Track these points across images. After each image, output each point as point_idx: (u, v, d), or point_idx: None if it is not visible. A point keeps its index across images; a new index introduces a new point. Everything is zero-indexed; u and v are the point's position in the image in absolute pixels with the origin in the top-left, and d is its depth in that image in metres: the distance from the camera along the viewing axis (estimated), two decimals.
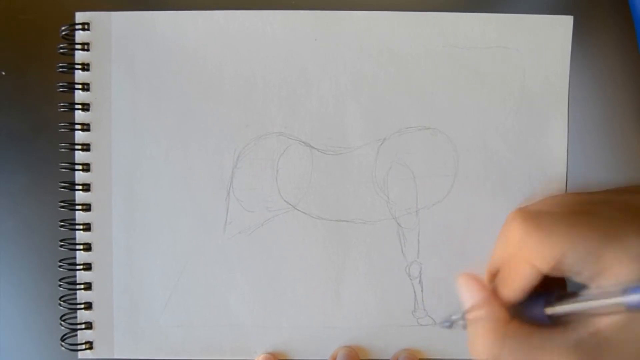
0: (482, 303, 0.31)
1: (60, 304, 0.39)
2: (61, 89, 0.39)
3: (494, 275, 0.33)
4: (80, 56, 0.40)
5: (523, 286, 0.30)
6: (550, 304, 0.30)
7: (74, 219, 0.40)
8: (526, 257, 0.29)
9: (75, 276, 0.40)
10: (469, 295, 0.32)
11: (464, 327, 0.33)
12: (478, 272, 0.34)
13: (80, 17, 0.40)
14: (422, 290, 0.39)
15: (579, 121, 0.40)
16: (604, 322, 0.27)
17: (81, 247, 0.39)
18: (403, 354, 0.39)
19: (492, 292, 0.32)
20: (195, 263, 0.40)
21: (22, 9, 0.41)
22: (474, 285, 0.32)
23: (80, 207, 0.39)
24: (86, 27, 0.39)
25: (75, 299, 0.40)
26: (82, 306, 0.39)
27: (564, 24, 0.39)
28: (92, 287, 0.40)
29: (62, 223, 0.39)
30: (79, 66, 0.39)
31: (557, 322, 0.29)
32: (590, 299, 0.27)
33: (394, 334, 0.39)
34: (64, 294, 0.40)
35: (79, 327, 0.40)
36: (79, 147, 0.39)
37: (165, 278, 0.40)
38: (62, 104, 0.39)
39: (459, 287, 0.33)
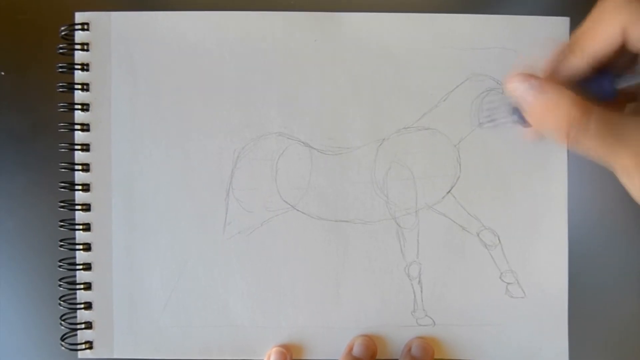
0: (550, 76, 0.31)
1: (60, 304, 0.39)
2: (61, 89, 0.39)
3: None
4: (79, 56, 0.40)
5: (600, 50, 0.30)
6: (620, 79, 0.30)
7: (74, 219, 0.40)
8: (619, 20, 0.28)
9: (75, 276, 0.40)
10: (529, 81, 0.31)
11: (517, 121, 0.35)
12: None
13: (80, 17, 0.40)
14: (421, 291, 0.39)
15: None
16: None
17: (81, 247, 0.40)
18: (416, 342, 0.39)
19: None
20: (194, 263, 0.40)
21: (21, 9, 0.41)
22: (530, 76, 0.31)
23: (80, 207, 0.39)
24: (86, 27, 0.40)
25: (75, 298, 0.40)
26: (82, 306, 0.40)
27: (561, 25, 0.39)
28: (92, 287, 0.40)
29: (62, 223, 0.39)
30: (79, 66, 0.39)
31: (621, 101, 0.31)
32: None
33: (393, 334, 0.39)
34: (63, 293, 0.40)
35: (78, 327, 0.40)
36: (79, 147, 0.39)
37: (165, 278, 0.40)
38: (61, 104, 0.39)
39: (511, 83, 0.32)
